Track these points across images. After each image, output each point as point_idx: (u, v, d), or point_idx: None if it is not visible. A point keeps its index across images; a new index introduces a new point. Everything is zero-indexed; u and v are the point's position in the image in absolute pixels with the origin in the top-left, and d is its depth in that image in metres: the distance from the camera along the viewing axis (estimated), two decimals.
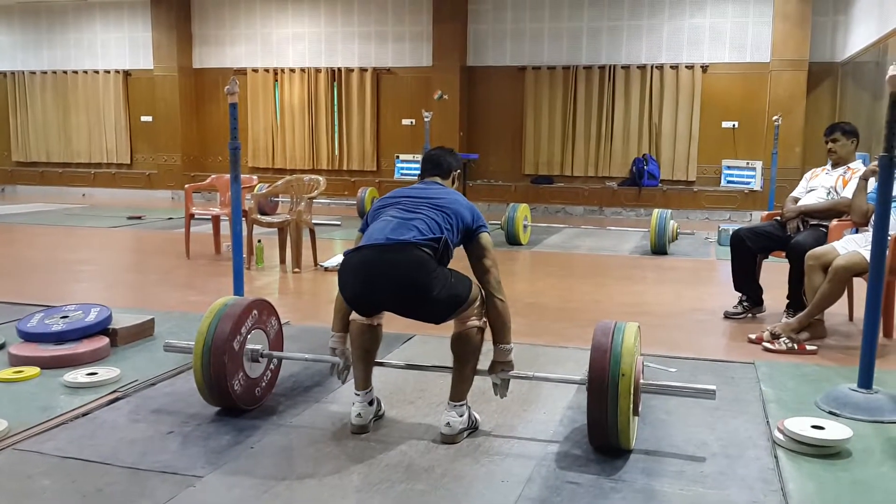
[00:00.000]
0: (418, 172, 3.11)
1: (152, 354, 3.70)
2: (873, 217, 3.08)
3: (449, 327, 2.83)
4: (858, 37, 9.59)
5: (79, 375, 3.30)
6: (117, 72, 13.62)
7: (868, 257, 3.18)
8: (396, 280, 2.62)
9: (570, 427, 2.90)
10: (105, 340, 3.70)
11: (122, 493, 2.37)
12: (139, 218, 9.92)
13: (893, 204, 3.89)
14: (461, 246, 2.86)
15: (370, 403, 2.86)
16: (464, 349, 2.79)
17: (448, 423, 2.74)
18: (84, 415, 2.98)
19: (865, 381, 3.03)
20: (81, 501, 2.32)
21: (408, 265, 2.62)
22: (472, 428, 2.83)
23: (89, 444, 2.71)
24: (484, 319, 2.81)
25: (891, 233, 3.61)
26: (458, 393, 2.80)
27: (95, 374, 3.33)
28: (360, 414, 2.81)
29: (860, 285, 3.69)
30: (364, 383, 2.86)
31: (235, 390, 2.90)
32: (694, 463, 2.60)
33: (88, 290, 5.59)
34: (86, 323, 3.74)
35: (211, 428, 2.86)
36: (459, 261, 2.79)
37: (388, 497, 2.35)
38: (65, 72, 13.91)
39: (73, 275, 6.19)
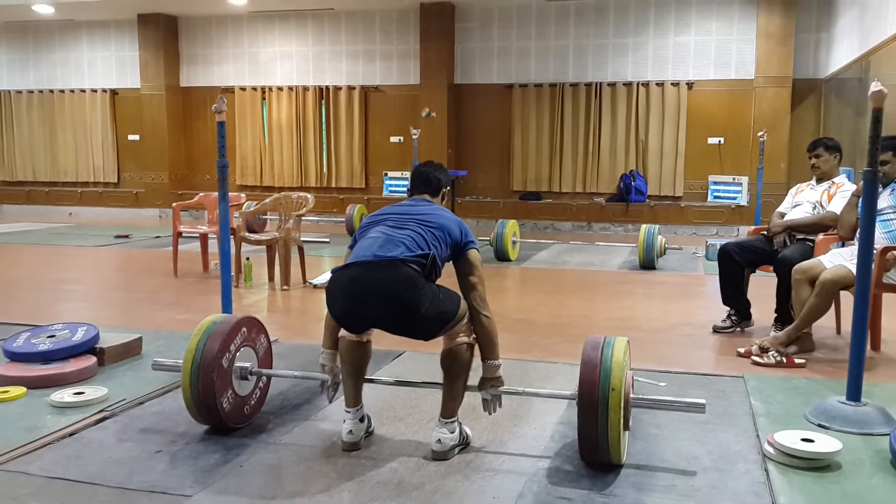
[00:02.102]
0: (407, 189, 3.11)
1: (140, 373, 3.67)
2: (859, 231, 3.10)
3: (438, 344, 2.83)
4: (841, 53, 9.73)
5: (65, 395, 3.27)
6: (104, 90, 13.60)
7: (854, 271, 3.20)
8: (385, 297, 2.62)
9: (561, 442, 2.89)
10: (92, 360, 3.67)
11: None
12: (126, 237, 9.86)
13: (879, 218, 3.95)
14: (450, 262, 2.87)
15: (361, 420, 2.85)
16: (454, 365, 2.79)
17: (439, 440, 2.73)
18: (71, 434, 2.94)
19: (854, 393, 3.04)
20: None
21: (396, 282, 2.62)
22: (464, 444, 2.82)
23: (76, 465, 2.68)
24: (473, 336, 2.82)
25: (876, 246, 3.66)
26: (449, 409, 2.79)
27: (82, 393, 3.29)
28: (351, 431, 2.80)
29: (847, 298, 3.71)
30: (354, 400, 2.85)
31: (224, 408, 2.88)
32: (685, 477, 2.60)
33: (75, 309, 5.55)
34: (73, 342, 3.71)
35: (199, 447, 2.84)
36: (447, 278, 2.79)
37: None
38: (51, 91, 13.88)
39: (59, 294, 6.15)
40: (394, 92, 12.38)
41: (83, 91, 13.70)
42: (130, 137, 13.54)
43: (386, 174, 12.34)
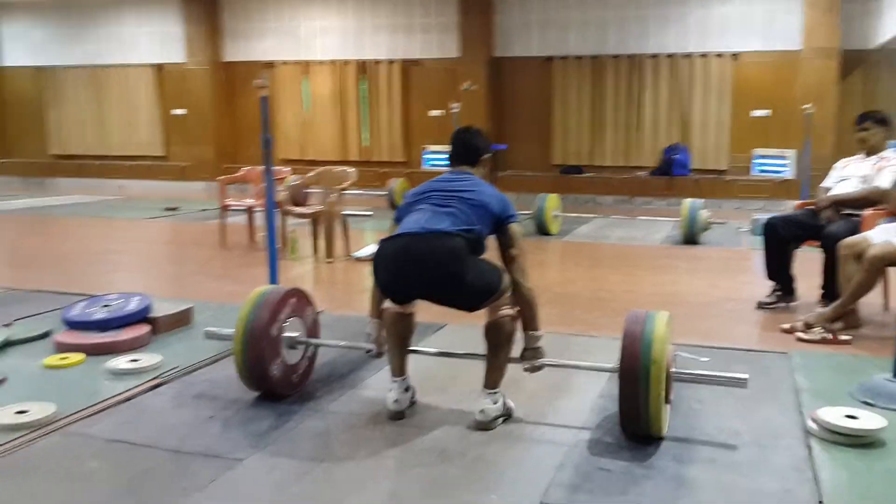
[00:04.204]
0: (446, 162, 3.13)
1: (192, 342, 3.80)
2: None
3: (479, 317, 2.88)
4: (891, 23, 9.41)
5: (122, 362, 3.40)
6: (150, 66, 13.81)
7: None
8: (430, 267, 2.67)
9: (602, 415, 2.93)
10: (146, 328, 3.80)
11: (167, 474, 2.46)
12: (175, 209, 10.08)
13: None
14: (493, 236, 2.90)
15: (406, 390, 2.92)
16: (497, 337, 2.84)
17: (482, 410, 2.78)
18: (128, 400, 3.08)
19: None
20: (127, 483, 2.41)
21: (442, 253, 2.67)
22: (507, 415, 2.87)
23: (133, 429, 2.80)
24: (517, 308, 2.85)
25: None
26: (493, 380, 2.84)
27: (138, 360, 3.43)
28: (396, 400, 2.87)
29: None
30: (400, 370, 2.92)
31: (274, 375, 2.97)
32: (726, 451, 2.62)
33: (128, 279, 5.73)
34: (127, 311, 3.85)
35: (250, 412, 2.94)
36: (490, 252, 2.83)
37: (423, 480, 2.41)
38: (98, 66, 14.14)
39: (112, 265, 6.34)
40: (433, 66, 12.34)
41: (129, 66, 13.93)
42: (175, 112, 13.74)
43: (425, 149, 12.36)
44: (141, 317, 3.87)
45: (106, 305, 3.92)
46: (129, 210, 10.25)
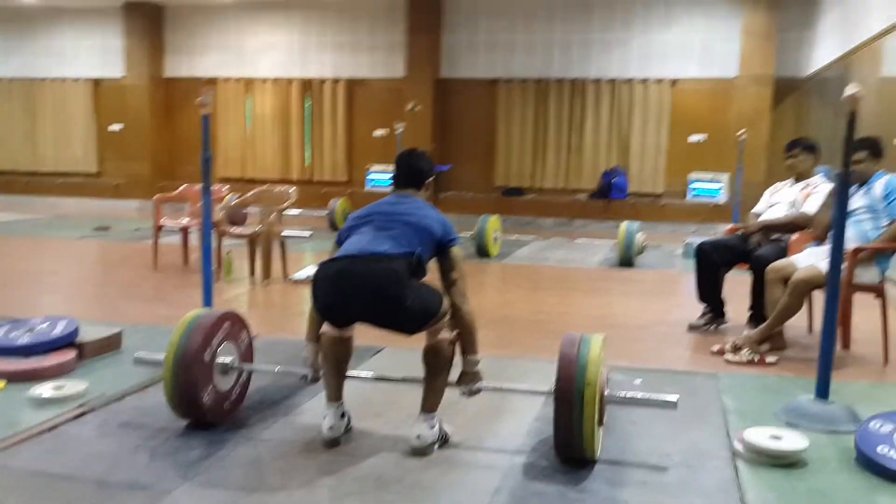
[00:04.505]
0: (390, 182, 3.14)
1: (120, 368, 3.68)
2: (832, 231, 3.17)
3: (417, 340, 2.87)
4: (823, 53, 9.84)
5: (45, 389, 3.27)
6: (86, 80, 13.47)
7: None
8: (370, 290, 2.66)
9: (538, 438, 2.95)
10: (72, 354, 3.67)
11: None
12: (106, 228, 9.81)
13: (852, 218, 4.04)
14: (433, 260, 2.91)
15: (342, 416, 2.89)
16: (435, 361, 2.83)
17: (419, 436, 2.77)
18: (51, 429, 2.96)
19: (822, 391, 3.12)
20: None
21: (381, 276, 2.67)
22: (443, 440, 2.86)
23: (56, 459, 2.70)
24: (455, 332, 2.86)
25: (848, 247, 3.74)
26: (430, 404, 2.84)
27: (62, 387, 3.30)
28: (331, 426, 2.83)
29: (820, 298, 3.79)
30: (336, 395, 2.89)
31: (205, 403, 2.90)
32: (656, 473, 2.67)
33: (55, 302, 5.54)
34: (52, 336, 3.71)
35: (180, 441, 2.86)
36: (430, 275, 2.83)
37: None
38: (32, 79, 13.73)
39: (39, 286, 6.12)
40: (379, 85, 12.37)
41: (65, 80, 13.57)
42: (112, 128, 13.42)
43: (369, 169, 12.34)
44: (67, 341, 3.73)
45: (30, 330, 3.78)
46: (59, 229, 9.94)
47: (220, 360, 3.01)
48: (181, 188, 7.33)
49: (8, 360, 3.54)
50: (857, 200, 4.11)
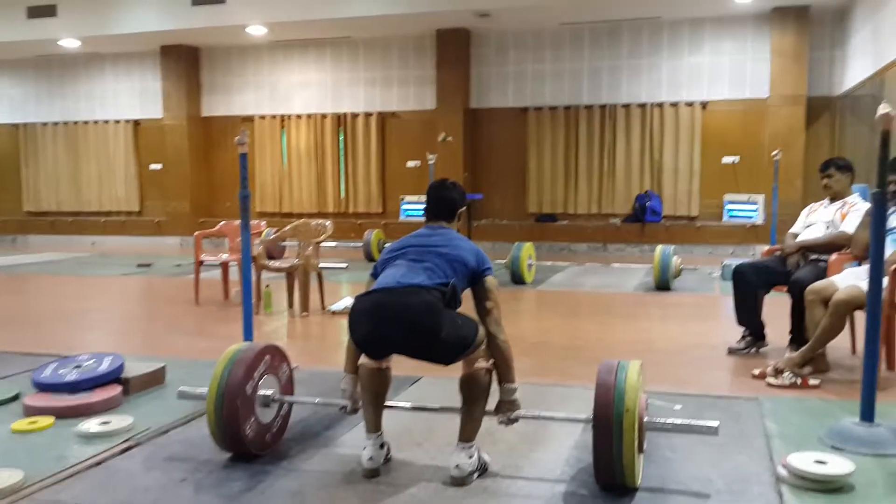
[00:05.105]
0: (423, 209, 3.19)
1: (164, 402, 3.76)
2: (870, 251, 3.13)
3: (455, 369, 2.89)
4: (855, 71, 9.75)
5: (92, 425, 3.35)
6: (127, 121, 13.90)
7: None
8: (406, 321, 2.70)
9: (577, 467, 2.93)
10: (118, 389, 3.76)
11: None
12: (148, 265, 10.04)
13: (890, 237, 3.98)
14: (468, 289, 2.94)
15: (381, 447, 2.91)
16: (472, 390, 2.85)
17: (458, 466, 2.78)
18: (98, 464, 3.02)
19: (867, 414, 3.06)
20: None
21: (417, 307, 2.70)
22: (482, 469, 2.86)
23: (104, 493, 2.76)
24: (491, 360, 2.88)
25: (888, 266, 3.68)
26: (468, 433, 2.84)
27: (109, 422, 3.38)
28: (371, 457, 2.86)
29: (863, 318, 3.73)
30: (375, 426, 2.91)
31: (248, 435, 2.95)
32: (699, 500, 2.63)
33: (100, 338, 5.67)
34: (98, 372, 3.80)
35: (223, 474, 2.91)
36: (465, 303, 2.86)
37: None
38: (75, 122, 14.21)
39: (85, 323, 6.28)
40: (410, 117, 12.55)
41: (106, 122, 14.01)
42: (152, 167, 13.80)
43: (403, 199, 12.47)
44: (113, 377, 3.82)
45: (77, 366, 3.88)
46: (102, 267, 10.19)
47: (262, 392, 3.07)
48: (220, 224, 7.49)
49: (56, 396, 3.64)
50: (894, 219, 4.05)
